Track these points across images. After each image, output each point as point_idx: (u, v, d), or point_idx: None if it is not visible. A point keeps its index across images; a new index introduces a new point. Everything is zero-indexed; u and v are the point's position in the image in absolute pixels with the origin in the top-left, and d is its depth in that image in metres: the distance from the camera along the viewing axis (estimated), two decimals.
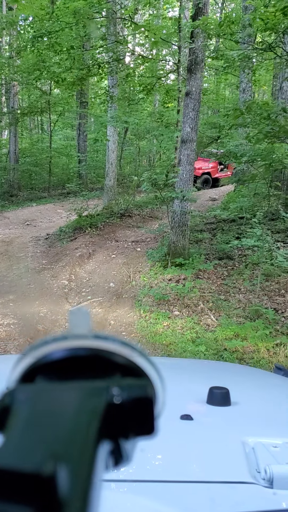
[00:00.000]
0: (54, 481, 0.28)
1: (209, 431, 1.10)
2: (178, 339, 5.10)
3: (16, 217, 13.21)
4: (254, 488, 0.84)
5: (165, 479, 0.88)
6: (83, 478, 0.30)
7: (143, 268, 7.62)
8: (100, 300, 6.76)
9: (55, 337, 0.42)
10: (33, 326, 5.71)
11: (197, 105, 7.00)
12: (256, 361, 4.43)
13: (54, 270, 7.81)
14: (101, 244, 9.28)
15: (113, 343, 0.42)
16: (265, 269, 6.66)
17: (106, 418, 0.35)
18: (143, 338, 5.39)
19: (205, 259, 7.33)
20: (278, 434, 1.03)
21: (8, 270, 7.93)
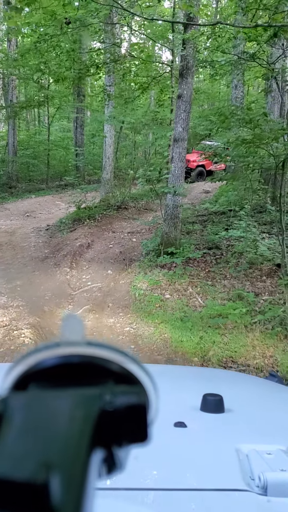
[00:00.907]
0: (47, 489, 0.28)
1: (203, 438, 1.11)
2: (168, 317, 5.92)
3: (16, 208, 13.95)
4: (248, 496, 0.84)
5: (159, 487, 0.88)
6: (76, 487, 0.30)
7: (138, 257, 8.41)
8: (99, 285, 7.56)
9: (47, 344, 0.42)
10: (40, 308, 6.50)
11: (188, 107, 7.76)
12: (234, 335, 5.26)
13: (56, 258, 8.61)
14: (99, 235, 10.06)
15: (106, 350, 0.42)
16: (249, 257, 7.46)
17: (99, 426, 0.35)
18: (137, 317, 6.20)
19: (195, 249, 8.11)
20: (272, 441, 1.03)
21: (13, 258, 8.71)
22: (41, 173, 18.99)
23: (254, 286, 6.78)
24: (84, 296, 7.18)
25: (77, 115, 16.90)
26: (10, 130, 17.74)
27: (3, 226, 11.61)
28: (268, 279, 6.94)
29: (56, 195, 16.16)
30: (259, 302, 6.21)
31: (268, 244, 7.83)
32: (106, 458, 0.37)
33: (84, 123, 18.02)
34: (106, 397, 0.37)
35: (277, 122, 6.13)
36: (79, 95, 16.14)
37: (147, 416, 0.38)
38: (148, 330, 5.83)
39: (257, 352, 4.99)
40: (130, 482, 0.84)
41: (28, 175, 18.77)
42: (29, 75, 13.76)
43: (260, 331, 5.39)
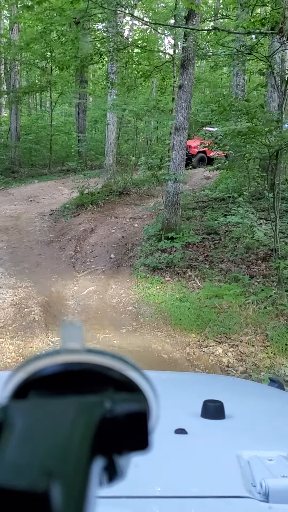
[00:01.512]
0: (47, 498, 0.28)
1: (203, 444, 1.12)
2: (168, 298, 6.41)
3: (20, 193, 14.37)
4: (249, 502, 0.85)
5: (160, 494, 0.89)
6: (76, 495, 0.31)
7: (139, 242, 8.87)
8: (103, 268, 8.04)
9: (47, 352, 0.43)
10: (47, 289, 6.99)
11: (189, 96, 8.15)
12: (229, 313, 5.75)
13: (61, 242, 9.08)
14: (101, 220, 10.51)
15: (106, 357, 0.43)
16: (246, 242, 7.91)
17: (99, 434, 0.36)
18: (139, 298, 6.69)
19: (195, 234, 8.56)
20: (273, 447, 1.04)
21: (20, 242, 9.18)
22: (43, 158, 19.35)
23: (249, 270, 7.26)
24: (89, 278, 7.66)
25: (79, 101, 17.23)
26: (13, 115, 18.07)
27: (7, 210, 12.06)
28: (263, 263, 7.40)
29: (58, 180, 16.56)
30: (254, 284, 6.69)
31: (264, 230, 8.27)
32: (107, 466, 0.38)
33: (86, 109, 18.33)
34: (106, 405, 0.38)
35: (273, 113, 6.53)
36: (81, 81, 16.44)
37: (148, 423, 0.38)
38: (149, 310, 6.33)
39: (250, 329, 5.49)
40: (131, 490, 0.83)
41: (30, 160, 19.14)
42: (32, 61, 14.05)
43: (253, 310, 5.87)
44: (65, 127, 20.23)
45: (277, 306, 5.82)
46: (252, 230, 8.18)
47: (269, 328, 5.44)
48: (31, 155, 19.23)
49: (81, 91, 16.52)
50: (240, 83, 13.35)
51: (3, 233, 9.69)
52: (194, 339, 5.41)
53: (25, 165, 18.62)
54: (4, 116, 20.42)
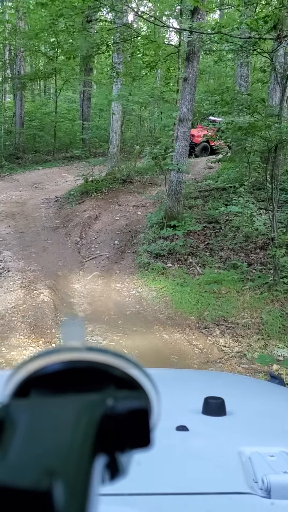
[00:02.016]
0: (50, 496, 0.29)
1: (205, 441, 1.14)
2: (169, 283, 6.81)
3: (25, 179, 14.70)
4: (251, 499, 0.86)
5: (162, 491, 0.90)
6: (79, 493, 0.31)
7: (143, 229, 9.25)
8: (107, 254, 8.43)
9: (48, 350, 0.43)
10: (54, 272, 7.38)
11: (193, 89, 8.47)
12: (226, 298, 6.15)
13: (67, 228, 9.45)
14: (105, 207, 10.87)
15: (107, 355, 0.43)
16: (245, 231, 8.29)
17: (101, 432, 0.36)
18: (142, 283, 7.09)
19: (196, 222, 8.93)
20: (274, 443, 1.05)
21: (27, 228, 9.56)
22: (47, 144, 19.61)
23: (248, 257, 7.64)
24: (94, 263, 8.06)
25: (84, 89, 17.47)
26: (17, 101, 18.31)
27: (13, 196, 12.41)
28: (261, 252, 7.79)
29: (62, 167, 16.87)
30: (251, 271, 7.08)
31: (264, 219, 8.64)
32: (109, 463, 0.38)
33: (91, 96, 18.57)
34: (108, 403, 0.38)
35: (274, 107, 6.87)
36: (86, 68, 16.66)
37: (150, 421, 0.39)
38: (151, 294, 6.73)
39: (246, 313, 5.89)
40: (133, 487, 0.84)
41: (34, 146, 19.41)
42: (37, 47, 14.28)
43: (250, 296, 6.27)
44: (69, 114, 20.48)
45: (272, 292, 6.21)
46: (251, 220, 8.55)
47: (264, 312, 5.84)
48: (35, 141, 19.50)
49: (86, 79, 16.76)
50: (244, 74, 13.60)
51: (10, 218, 10.07)
52: (194, 321, 5.82)
53: (29, 151, 18.91)
54: (8, 102, 20.65)
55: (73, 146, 18.50)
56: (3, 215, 10.27)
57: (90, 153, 17.40)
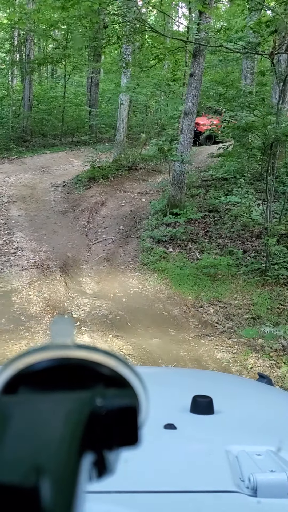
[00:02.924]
0: (37, 493, 0.29)
1: (192, 440, 1.17)
2: (170, 266, 7.52)
3: (33, 163, 15.33)
4: (238, 497, 0.88)
5: (149, 489, 0.92)
6: (66, 490, 0.31)
7: (146, 216, 9.92)
8: (113, 238, 9.13)
9: (37, 347, 0.44)
10: (63, 254, 8.09)
11: (198, 84, 9.08)
12: (221, 281, 6.87)
13: (75, 213, 10.14)
14: (111, 193, 11.53)
15: (96, 353, 0.44)
16: (243, 221, 8.97)
17: (89, 429, 0.37)
18: (145, 265, 7.80)
19: (197, 211, 9.61)
20: (261, 442, 1.07)
21: (37, 211, 10.25)
22: (54, 128, 20.17)
23: (244, 245, 8.34)
24: (100, 247, 8.76)
25: (92, 75, 18.00)
26: (26, 85, 18.84)
27: (22, 180, 13.07)
28: (257, 240, 8.47)
29: (69, 152, 17.48)
30: (246, 258, 7.79)
31: (261, 210, 9.31)
32: (96, 461, 0.39)
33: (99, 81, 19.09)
34: (96, 401, 0.39)
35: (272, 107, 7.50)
36: (95, 54, 17.16)
37: (138, 419, 0.39)
38: (153, 276, 7.44)
39: (238, 295, 6.62)
40: (121, 485, 0.85)
41: (41, 129, 19.99)
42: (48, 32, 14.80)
43: (243, 280, 6.99)
44: (76, 98, 21.01)
45: (264, 277, 6.92)
46: (249, 210, 9.23)
47: (255, 294, 6.57)
48: (42, 125, 20.06)
49: (95, 66, 17.27)
50: (250, 66, 14.12)
51: (21, 201, 10.75)
52: (191, 300, 6.55)
53: (36, 135, 19.48)
54: (16, 85, 21.17)
55: (79, 131, 19.07)
56: (14, 198, 10.95)
57: (96, 138, 17.99)
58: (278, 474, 0.91)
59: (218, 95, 10.50)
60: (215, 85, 17.58)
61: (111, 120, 17.68)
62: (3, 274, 6.84)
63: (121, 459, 0.43)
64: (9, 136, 17.68)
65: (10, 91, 19.61)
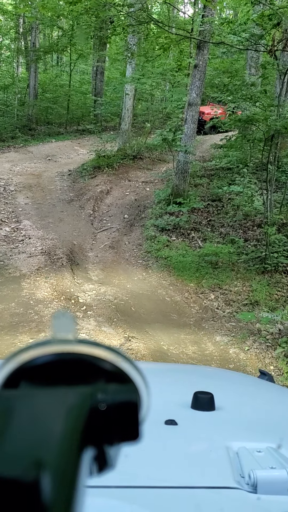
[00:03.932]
0: (37, 487, 0.30)
1: (193, 436, 1.18)
2: (173, 254, 7.82)
3: (39, 151, 15.60)
4: (238, 493, 0.89)
5: (149, 484, 0.93)
6: (66, 485, 0.32)
7: (150, 204, 10.20)
8: (117, 227, 9.43)
9: (38, 342, 0.45)
10: (69, 241, 8.40)
11: (202, 76, 9.31)
12: (223, 269, 7.17)
13: (80, 201, 10.44)
14: (116, 182, 11.81)
15: (98, 348, 0.45)
16: (245, 210, 9.24)
17: (90, 424, 0.37)
18: (148, 253, 8.11)
19: (200, 200, 9.88)
20: (261, 439, 1.09)
21: (44, 199, 10.55)
22: (59, 116, 20.40)
23: (245, 234, 8.63)
24: (105, 235, 9.07)
25: (98, 64, 18.18)
26: (32, 73, 19.05)
27: (28, 168, 13.36)
28: (258, 229, 8.75)
29: (74, 140, 17.73)
30: (247, 246, 8.08)
31: (263, 199, 9.58)
32: (97, 456, 0.39)
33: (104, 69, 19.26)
34: (97, 396, 0.39)
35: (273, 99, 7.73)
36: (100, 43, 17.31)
37: (139, 414, 0.40)
38: (156, 263, 7.75)
39: (238, 282, 6.92)
40: (121, 480, 0.86)
41: (46, 118, 20.21)
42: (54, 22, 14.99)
43: (243, 268, 7.29)
44: (82, 86, 21.19)
45: (263, 265, 7.21)
46: (251, 199, 9.49)
47: (254, 282, 6.87)
48: (47, 113, 20.28)
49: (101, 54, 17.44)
50: (254, 55, 14.29)
51: (28, 190, 11.05)
52: (192, 287, 6.86)
53: (41, 123, 19.72)
54: (22, 73, 21.36)
55: (85, 119, 19.29)
56: (21, 186, 11.25)
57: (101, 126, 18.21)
58: (278, 471, 0.92)
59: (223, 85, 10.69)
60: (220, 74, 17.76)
61: (116, 110, 17.88)
62: (12, 260, 7.16)
63: (121, 454, 0.43)
64: (14, 125, 17.94)
65: (15, 79, 19.82)
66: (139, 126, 16.59)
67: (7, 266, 6.93)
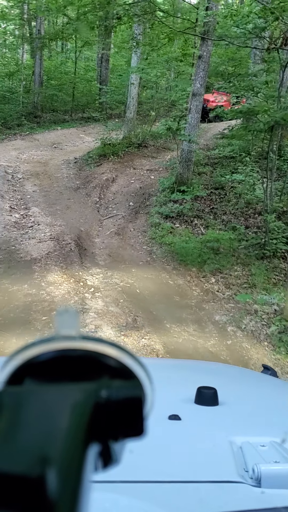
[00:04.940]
0: (43, 483, 0.30)
1: (197, 431, 1.20)
2: (176, 240, 8.28)
3: (45, 139, 16.01)
4: (242, 487, 0.91)
5: (153, 479, 0.95)
6: (72, 480, 0.33)
7: (155, 192, 10.64)
8: (123, 214, 9.88)
9: (43, 338, 0.45)
10: (77, 228, 8.87)
11: (206, 66, 9.68)
12: (223, 254, 7.63)
13: (87, 189, 10.89)
14: (122, 170, 12.23)
15: (102, 344, 0.45)
16: (247, 198, 9.67)
17: (95, 420, 0.38)
18: (153, 239, 8.57)
19: (204, 188, 10.31)
20: (265, 433, 1.11)
21: (51, 187, 11.01)
22: (65, 103, 20.76)
23: (246, 221, 9.07)
24: (111, 222, 9.53)
25: (103, 52, 18.50)
26: (37, 60, 19.39)
27: (35, 156, 13.78)
28: (259, 217, 9.19)
29: (79, 128, 18.11)
30: (248, 233, 8.53)
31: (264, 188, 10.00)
32: (102, 451, 0.40)
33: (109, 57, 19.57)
34: (102, 392, 0.40)
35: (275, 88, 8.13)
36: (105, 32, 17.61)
37: (143, 410, 0.40)
38: (160, 249, 8.21)
39: (238, 267, 7.38)
40: (126, 475, 0.89)
41: (52, 105, 20.57)
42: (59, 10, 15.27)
43: (243, 253, 7.75)
44: (87, 74, 21.50)
45: (263, 251, 7.67)
46: (253, 188, 9.92)
47: (253, 267, 7.33)
48: (52, 100, 20.63)
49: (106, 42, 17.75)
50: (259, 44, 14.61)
51: (35, 178, 11.51)
52: (195, 272, 7.33)
53: (47, 110, 20.09)
54: (27, 60, 21.68)
55: (90, 107, 19.65)
56: (29, 174, 11.70)
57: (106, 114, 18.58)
58: (282, 465, 0.94)
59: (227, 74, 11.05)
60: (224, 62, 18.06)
61: (121, 98, 18.24)
62: (23, 245, 7.65)
63: (126, 450, 0.44)
64: (20, 112, 18.32)
65: (20, 66, 20.16)
66: (144, 114, 16.96)
67: (19, 250, 7.42)
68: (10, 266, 6.81)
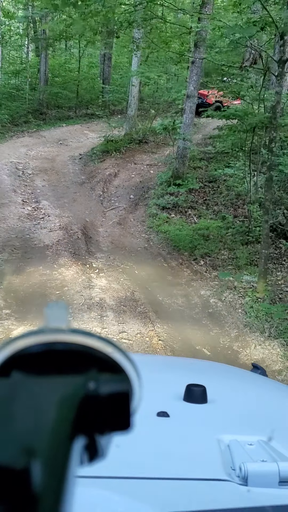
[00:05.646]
0: (27, 475, 0.31)
1: (185, 428, 1.22)
2: (171, 228, 9.44)
3: (51, 136, 17.15)
4: (228, 486, 0.92)
5: (140, 475, 0.96)
6: (57, 473, 0.33)
7: (153, 186, 11.79)
8: (124, 206, 11.04)
9: (31, 331, 0.46)
10: (83, 219, 10.04)
11: (199, 71, 10.80)
12: (212, 240, 8.79)
13: (91, 184, 12.06)
14: (123, 165, 13.38)
15: (91, 338, 0.46)
16: (237, 191, 10.80)
17: (81, 413, 0.38)
18: (150, 228, 9.74)
19: (198, 182, 11.44)
20: (253, 432, 1.12)
21: (58, 182, 12.18)
22: (69, 100, 21.87)
23: (235, 211, 10.21)
24: (113, 213, 10.70)
25: (105, 51, 19.61)
26: (42, 59, 20.50)
27: (42, 152, 14.93)
28: (246, 207, 10.33)
29: (84, 125, 19.24)
30: (236, 222, 9.68)
31: (254, 181, 11.12)
32: (88, 445, 0.40)
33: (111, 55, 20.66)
34: (89, 385, 0.40)
35: (258, 93, 9.25)
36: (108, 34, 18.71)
37: (130, 404, 0.41)
38: (157, 236, 9.38)
39: (225, 251, 8.54)
40: (112, 471, 0.89)
41: (56, 102, 21.70)
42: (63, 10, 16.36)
43: (230, 240, 8.90)
44: (90, 71, 22.60)
45: (247, 237, 8.82)
46: (243, 181, 11.05)
47: (238, 251, 8.48)
48: (57, 97, 21.75)
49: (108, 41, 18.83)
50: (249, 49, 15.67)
51: (44, 173, 12.68)
52: (186, 256, 8.49)
53: (52, 107, 21.21)
54: (32, 58, 22.79)
55: (93, 103, 20.75)
56: (37, 170, 12.87)
57: (109, 110, 19.68)
58: (269, 464, 0.96)
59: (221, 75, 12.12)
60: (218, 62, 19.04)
61: (123, 96, 19.33)
62: (36, 234, 8.83)
63: (112, 444, 0.44)
64: (26, 109, 19.45)
65: (26, 64, 21.28)
66: (145, 109, 18.05)
67: (32, 238, 8.61)
68: (27, 251, 8.00)
